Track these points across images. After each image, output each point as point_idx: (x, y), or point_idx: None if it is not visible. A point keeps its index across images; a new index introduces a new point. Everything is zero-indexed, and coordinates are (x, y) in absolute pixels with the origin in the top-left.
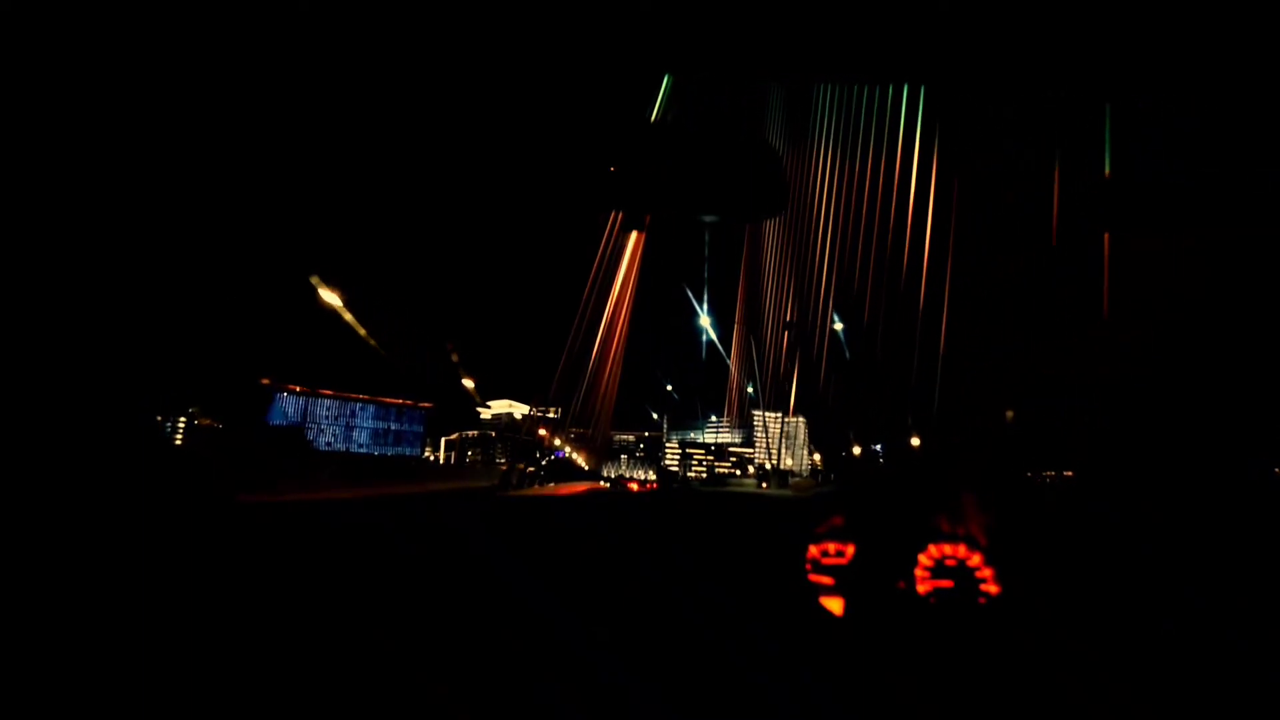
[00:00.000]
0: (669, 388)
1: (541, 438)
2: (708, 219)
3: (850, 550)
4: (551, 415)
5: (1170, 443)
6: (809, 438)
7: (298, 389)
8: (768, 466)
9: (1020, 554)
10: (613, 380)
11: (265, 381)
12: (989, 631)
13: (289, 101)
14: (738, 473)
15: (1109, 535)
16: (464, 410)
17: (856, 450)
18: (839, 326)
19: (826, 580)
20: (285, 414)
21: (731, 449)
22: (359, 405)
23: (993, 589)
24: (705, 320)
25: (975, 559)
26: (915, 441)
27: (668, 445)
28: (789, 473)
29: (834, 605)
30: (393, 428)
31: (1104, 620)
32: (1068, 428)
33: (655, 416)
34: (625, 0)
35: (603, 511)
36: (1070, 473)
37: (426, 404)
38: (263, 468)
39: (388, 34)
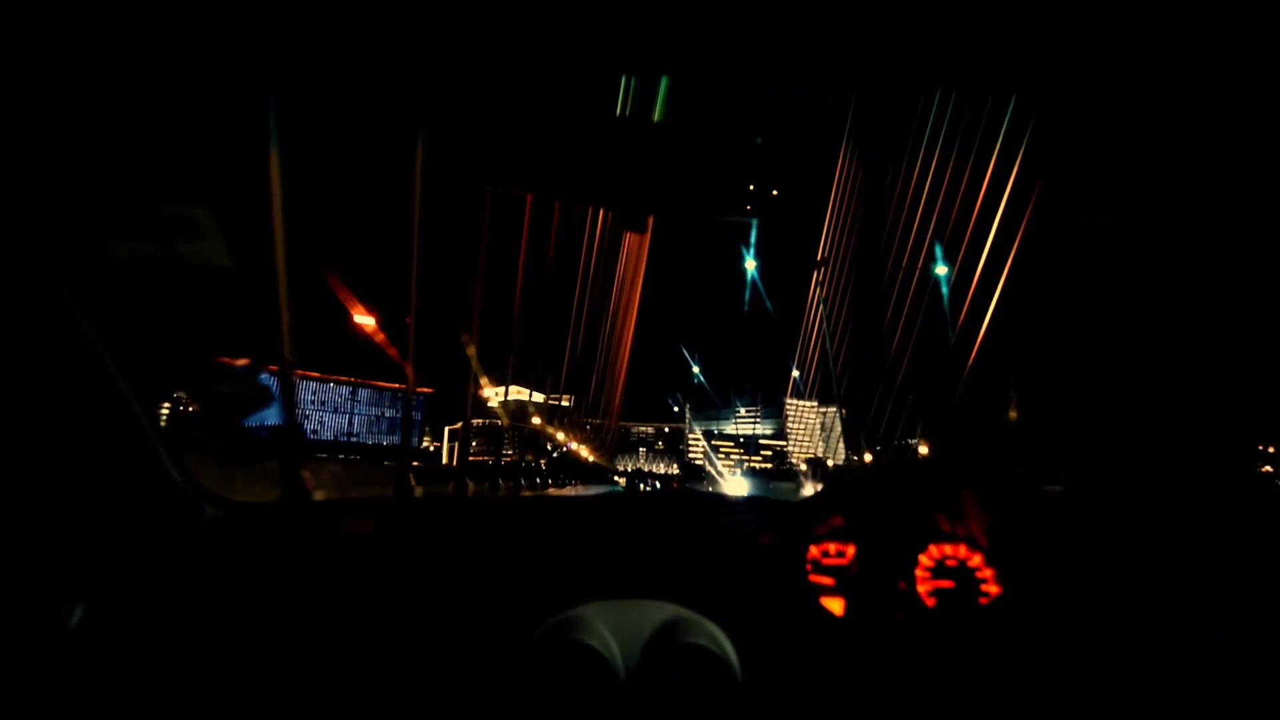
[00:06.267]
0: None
1: (542, 428)
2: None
3: (850, 550)
4: (565, 404)
5: (1162, 439)
6: (844, 430)
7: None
8: (802, 465)
9: (1021, 554)
10: (622, 363)
11: (244, 362)
12: (989, 632)
13: (286, 94)
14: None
15: (1106, 535)
16: (469, 397)
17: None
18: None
19: (827, 580)
20: (283, 408)
21: (763, 441)
22: (349, 389)
23: (993, 589)
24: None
25: (976, 559)
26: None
27: (691, 437)
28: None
29: (834, 605)
30: (387, 414)
31: (1105, 620)
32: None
33: (696, 376)
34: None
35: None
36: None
37: (426, 389)
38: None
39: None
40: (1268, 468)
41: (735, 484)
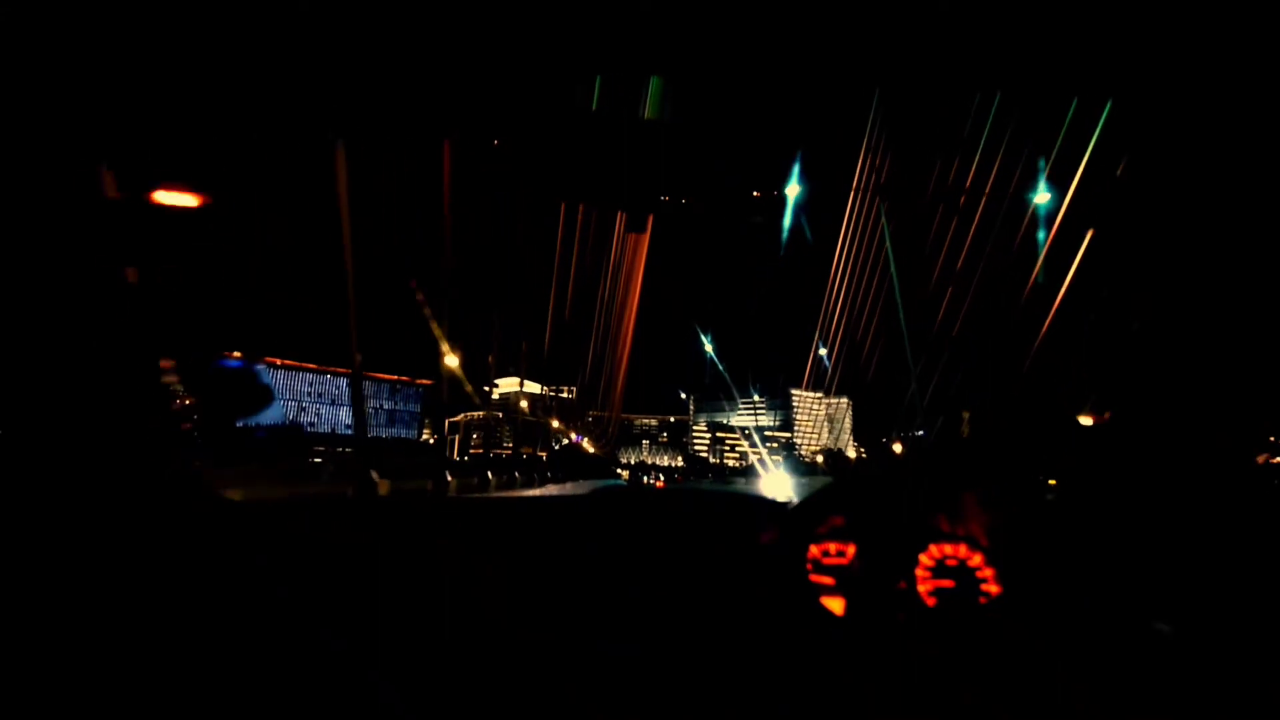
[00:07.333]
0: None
1: (544, 420)
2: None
3: (851, 550)
4: (565, 396)
5: (1163, 437)
6: (852, 421)
7: (278, 361)
8: (814, 456)
9: (1021, 554)
10: (624, 353)
11: (236, 355)
12: (989, 631)
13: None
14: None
15: (1107, 534)
16: (468, 389)
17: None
18: None
19: (827, 580)
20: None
21: (769, 433)
22: (347, 381)
23: (993, 589)
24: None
25: (976, 559)
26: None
27: (695, 429)
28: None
29: (835, 605)
30: (385, 406)
31: (1105, 620)
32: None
33: (707, 358)
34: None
35: None
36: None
37: (425, 381)
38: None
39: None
40: (1278, 459)
41: (757, 480)
